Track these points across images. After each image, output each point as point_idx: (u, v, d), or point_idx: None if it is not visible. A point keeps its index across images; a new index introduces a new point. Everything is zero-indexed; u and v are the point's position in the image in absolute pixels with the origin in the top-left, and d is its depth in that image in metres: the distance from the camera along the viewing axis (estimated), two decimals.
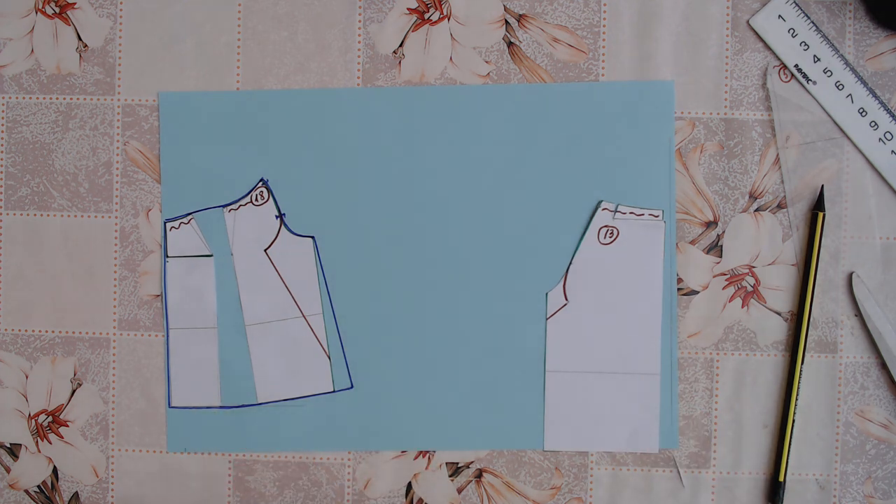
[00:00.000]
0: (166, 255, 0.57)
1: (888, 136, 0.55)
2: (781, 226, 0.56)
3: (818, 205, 0.55)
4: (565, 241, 0.56)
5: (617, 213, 0.56)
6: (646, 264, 0.56)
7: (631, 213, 0.56)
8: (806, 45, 0.55)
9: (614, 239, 0.56)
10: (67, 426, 0.58)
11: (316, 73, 0.57)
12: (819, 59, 0.55)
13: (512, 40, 0.57)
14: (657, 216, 0.56)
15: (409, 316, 0.57)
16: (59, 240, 0.58)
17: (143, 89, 0.58)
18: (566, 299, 0.56)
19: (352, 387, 0.57)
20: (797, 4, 0.55)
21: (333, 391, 0.57)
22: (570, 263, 0.56)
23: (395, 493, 0.57)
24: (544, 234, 0.56)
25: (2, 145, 0.58)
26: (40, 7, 0.58)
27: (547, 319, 0.56)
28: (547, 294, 0.56)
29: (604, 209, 0.56)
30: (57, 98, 0.58)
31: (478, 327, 0.56)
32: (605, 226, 0.56)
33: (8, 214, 0.58)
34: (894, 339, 0.55)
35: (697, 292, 0.56)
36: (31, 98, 0.58)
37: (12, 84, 0.58)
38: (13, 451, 0.58)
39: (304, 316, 0.57)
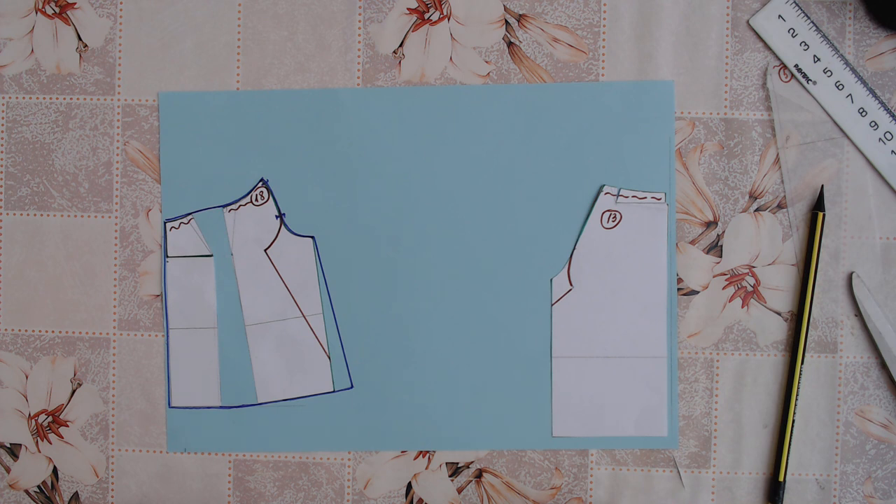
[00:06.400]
0: (166, 255, 0.57)
1: (888, 136, 0.55)
2: (781, 226, 0.56)
3: (818, 205, 0.55)
4: (568, 228, 0.56)
5: (619, 198, 0.56)
6: (650, 247, 0.56)
7: (633, 196, 0.56)
8: (806, 45, 0.55)
9: (617, 223, 0.56)
10: (67, 426, 0.58)
11: (316, 73, 0.57)
12: (819, 59, 0.55)
13: (512, 40, 0.57)
14: (659, 199, 0.56)
15: (409, 316, 0.57)
16: (59, 240, 0.58)
17: (143, 89, 0.58)
18: (571, 284, 0.56)
19: (352, 387, 0.57)
20: (797, 4, 0.55)
21: (333, 391, 0.57)
22: (574, 249, 0.56)
23: (395, 493, 0.57)
24: (545, 233, 0.56)
25: (2, 145, 0.58)
26: (40, 7, 0.58)
27: (552, 305, 0.56)
28: (552, 280, 0.56)
29: (606, 193, 0.56)
30: (57, 98, 0.58)
31: (479, 328, 0.56)
32: (608, 210, 0.56)
33: (8, 214, 0.58)
34: (894, 339, 0.55)
35: (697, 292, 0.56)
36: (31, 98, 0.58)
37: (12, 84, 0.58)
38: (13, 451, 0.58)
39: (304, 316, 0.57)
